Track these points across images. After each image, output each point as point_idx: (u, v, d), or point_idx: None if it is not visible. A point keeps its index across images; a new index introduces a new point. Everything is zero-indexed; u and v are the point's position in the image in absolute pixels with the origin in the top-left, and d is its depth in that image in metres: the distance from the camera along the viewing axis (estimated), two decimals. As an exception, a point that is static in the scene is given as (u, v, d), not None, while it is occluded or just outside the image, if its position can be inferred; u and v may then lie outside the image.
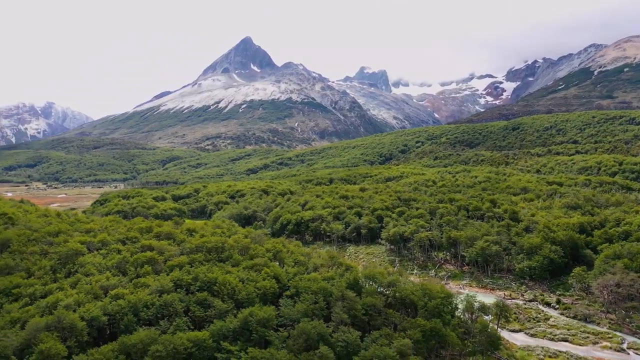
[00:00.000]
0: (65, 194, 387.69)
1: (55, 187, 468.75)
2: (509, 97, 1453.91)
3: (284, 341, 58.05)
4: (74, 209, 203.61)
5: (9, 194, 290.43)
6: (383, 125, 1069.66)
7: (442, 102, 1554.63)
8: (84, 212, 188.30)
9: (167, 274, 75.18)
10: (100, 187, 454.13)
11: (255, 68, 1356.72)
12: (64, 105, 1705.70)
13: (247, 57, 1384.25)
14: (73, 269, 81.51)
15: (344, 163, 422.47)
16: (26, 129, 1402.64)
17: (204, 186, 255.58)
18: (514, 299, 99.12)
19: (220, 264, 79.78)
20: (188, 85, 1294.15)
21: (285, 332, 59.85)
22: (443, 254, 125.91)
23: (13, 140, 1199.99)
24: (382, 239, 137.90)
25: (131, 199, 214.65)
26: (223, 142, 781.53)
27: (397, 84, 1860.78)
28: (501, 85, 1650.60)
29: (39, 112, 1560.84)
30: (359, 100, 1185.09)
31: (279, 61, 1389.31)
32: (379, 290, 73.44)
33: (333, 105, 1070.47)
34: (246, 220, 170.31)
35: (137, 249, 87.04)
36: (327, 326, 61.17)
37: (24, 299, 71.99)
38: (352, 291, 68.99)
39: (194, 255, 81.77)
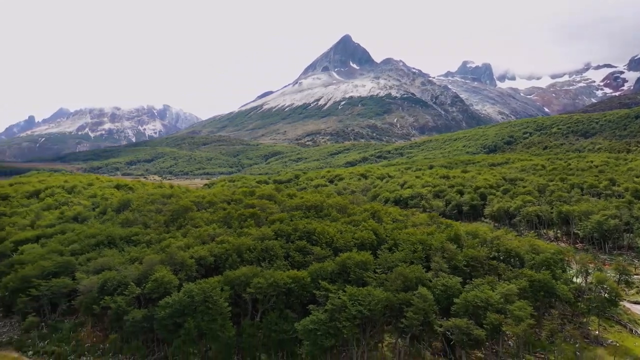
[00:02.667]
0: (178, 184, 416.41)
1: (169, 179, 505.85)
2: (631, 87, 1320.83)
3: (381, 283, 57.51)
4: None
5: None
6: (487, 120, 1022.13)
7: (553, 95, 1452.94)
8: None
9: (269, 227, 77.80)
10: (208, 179, 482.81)
11: (354, 65, 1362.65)
12: (177, 108, 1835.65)
13: (346, 55, 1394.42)
14: (184, 222, 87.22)
15: (445, 155, 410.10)
16: (144, 129, 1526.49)
17: (304, 172, 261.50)
18: (637, 274, 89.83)
19: (319, 219, 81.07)
20: (289, 84, 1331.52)
21: (383, 274, 59.33)
22: (553, 231, 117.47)
23: (133, 139, 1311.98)
24: (485, 216, 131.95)
25: (236, 182, 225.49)
26: (322, 138, 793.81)
27: (502, 78, 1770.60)
28: (622, 76, 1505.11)
29: (156, 114, 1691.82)
30: (461, 95, 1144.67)
31: (377, 58, 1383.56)
32: (481, 245, 70.15)
33: (434, 100, 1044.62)
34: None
35: (241, 208, 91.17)
36: (426, 272, 59.77)
37: (142, 244, 78.44)
38: (454, 244, 66.72)
39: (294, 213, 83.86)
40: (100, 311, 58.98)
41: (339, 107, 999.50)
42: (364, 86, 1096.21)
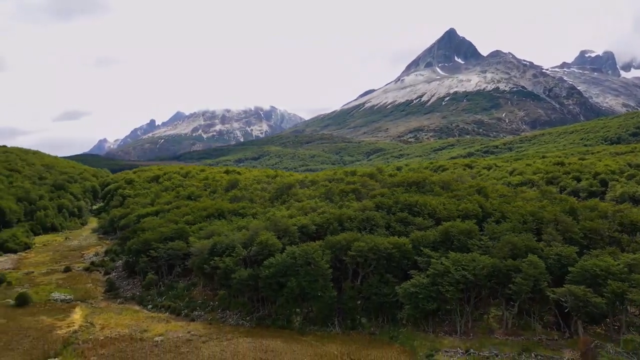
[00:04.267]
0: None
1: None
2: None
3: (486, 250, 54.83)
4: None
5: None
6: (608, 113, 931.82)
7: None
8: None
9: (370, 201, 77.59)
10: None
11: (459, 60, 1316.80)
12: (282, 108, 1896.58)
13: (450, 50, 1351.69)
14: (287, 198, 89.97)
15: (559, 149, 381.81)
16: (251, 130, 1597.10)
17: (406, 165, 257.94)
18: None
19: (421, 195, 79.31)
20: (391, 82, 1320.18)
21: (489, 242, 56.55)
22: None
23: (241, 139, 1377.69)
24: (605, 201, 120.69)
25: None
26: (425, 135, 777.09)
27: (627, 67, 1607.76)
28: None
29: (262, 115, 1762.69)
30: (578, 87, 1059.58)
31: (484, 51, 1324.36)
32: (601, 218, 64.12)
33: (547, 93, 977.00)
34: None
35: (342, 185, 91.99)
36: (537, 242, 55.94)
37: (248, 216, 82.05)
38: (569, 216, 61.75)
39: (395, 189, 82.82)
40: (210, 271, 62.49)
41: (443, 103, 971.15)
42: (470, 81, 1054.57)
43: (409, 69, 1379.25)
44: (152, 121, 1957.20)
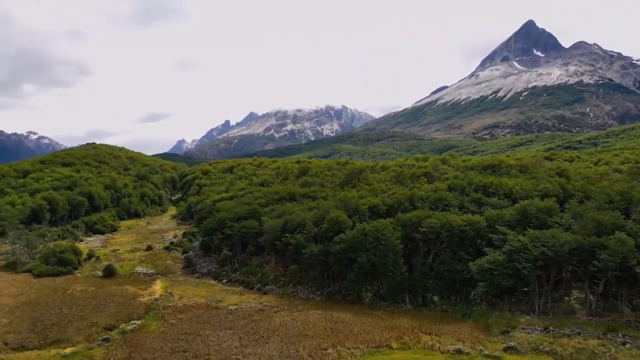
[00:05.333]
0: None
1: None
2: None
3: (568, 227, 51.82)
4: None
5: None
6: None
7: None
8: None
9: (442, 182, 75.90)
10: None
11: (538, 53, 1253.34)
12: (353, 107, 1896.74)
13: (529, 43, 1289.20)
14: (357, 183, 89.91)
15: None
16: (322, 129, 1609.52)
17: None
18: None
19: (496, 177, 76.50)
20: (464, 78, 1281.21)
21: (571, 220, 53.43)
22: None
23: (312, 138, 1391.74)
24: None
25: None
26: (501, 131, 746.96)
27: None
28: None
29: (333, 114, 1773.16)
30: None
31: (566, 43, 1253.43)
32: None
33: (637, 86, 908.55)
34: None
35: (413, 169, 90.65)
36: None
37: (319, 199, 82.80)
38: (663, 196, 57.03)
39: (469, 172, 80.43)
40: (281, 247, 63.79)
41: (520, 98, 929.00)
42: (550, 74, 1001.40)
43: (484, 64, 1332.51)
44: (227, 122, 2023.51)
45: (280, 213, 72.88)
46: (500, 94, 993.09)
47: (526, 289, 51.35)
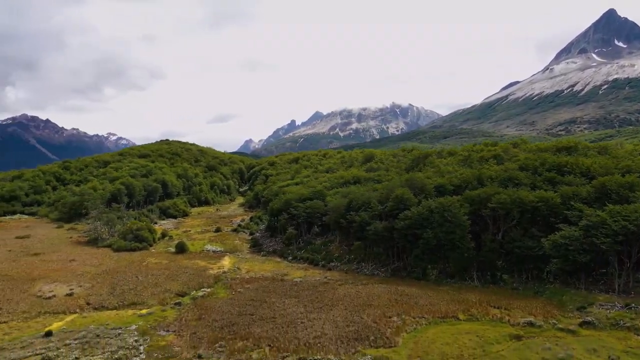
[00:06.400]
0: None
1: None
2: None
3: (653, 203, 48.22)
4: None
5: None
6: None
7: None
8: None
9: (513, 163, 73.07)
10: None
11: (619, 44, 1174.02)
12: (418, 105, 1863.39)
13: (609, 33, 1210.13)
14: (423, 167, 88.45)
15: None
16: (387, 127, 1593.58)
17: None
18: None
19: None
20: (538, 72, 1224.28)
21: (656, 195, 49.71)
22: None
23: (377, 137, 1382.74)
24: None
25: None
26: (578, 127, 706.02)
27: None
28: None
29: (398, 113, 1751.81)
30: None
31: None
32: None
33: None
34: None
35: (482, 153, 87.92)
36: None
37: (384, 182, 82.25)
38: None
39: (541, 154, 76.78)
40: (346, 225, 63.99)
41: (600, 92, 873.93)
42: (634, 66, 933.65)
43: (559, 57, 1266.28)
44: (293, 121, 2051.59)
45: (345, 194, 73.12)
46: (577, 87, 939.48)
47: (604, 270, 48.51)
